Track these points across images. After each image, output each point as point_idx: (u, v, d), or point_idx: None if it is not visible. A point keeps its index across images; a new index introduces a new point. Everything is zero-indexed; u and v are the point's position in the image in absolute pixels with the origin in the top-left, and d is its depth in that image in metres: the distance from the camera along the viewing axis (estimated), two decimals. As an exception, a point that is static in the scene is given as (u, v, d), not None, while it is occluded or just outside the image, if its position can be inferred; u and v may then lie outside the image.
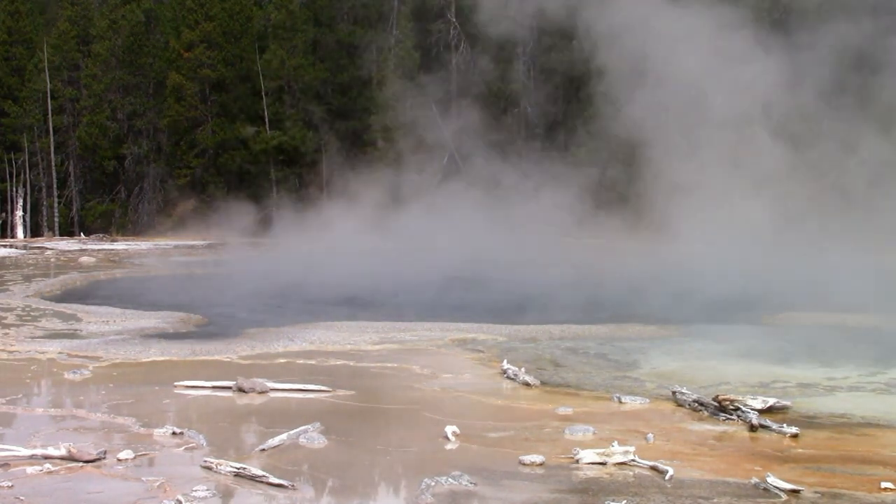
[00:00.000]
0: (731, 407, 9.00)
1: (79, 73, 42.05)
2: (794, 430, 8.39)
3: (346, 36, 41.65)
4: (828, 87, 24.29)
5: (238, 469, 7.05)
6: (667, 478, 7.05)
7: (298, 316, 15.54)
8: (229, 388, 10.04)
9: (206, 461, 7.27)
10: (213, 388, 10.11)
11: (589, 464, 7.39)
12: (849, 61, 25.04)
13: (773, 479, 6.81)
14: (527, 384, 10.40)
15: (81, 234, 39.40)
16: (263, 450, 7.74)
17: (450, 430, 8.16)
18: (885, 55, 24.68)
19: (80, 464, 7.26)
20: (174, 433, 8.13)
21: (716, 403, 9.13)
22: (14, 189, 40.75)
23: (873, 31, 24.67)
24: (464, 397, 9.83)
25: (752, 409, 8.89)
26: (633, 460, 7.41)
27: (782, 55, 24.36)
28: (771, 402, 9.22)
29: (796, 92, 24.30)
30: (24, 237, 39.21)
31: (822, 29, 24.83)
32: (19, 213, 40.46)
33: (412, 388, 10.26)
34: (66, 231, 40.61)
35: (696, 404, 9.27)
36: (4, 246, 32.82)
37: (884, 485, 6.86)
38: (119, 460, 7.38)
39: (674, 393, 9.61)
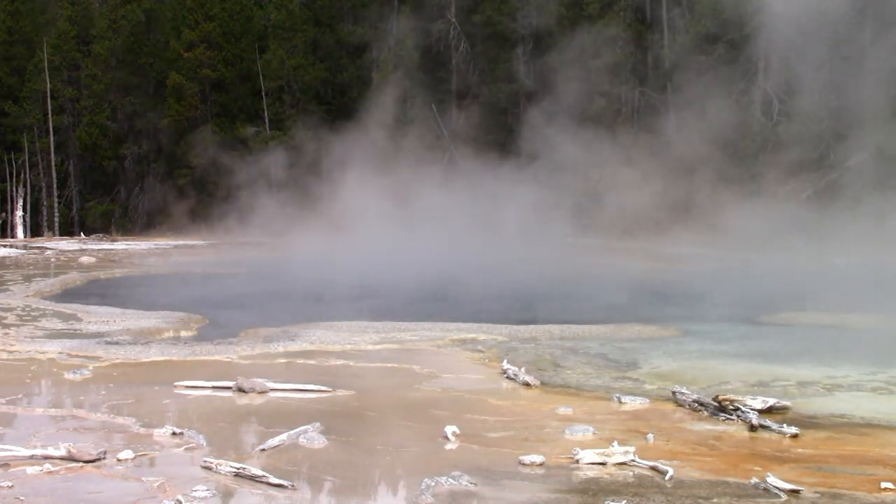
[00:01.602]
0: (731, 407, 8.99)
1: (79, 73, 42.06)
2: (793, 430, 8.39)
3: (346, 36, 41.67)
4: None
5: (238, 469, 7.05)
6: (667, 478, 7.05)
7: (298, 315, 15.53)
8: (229, 388, 10.03)
9: (206, 461, 7.27)
10: (213, 388, 10.10)
11: (589, 464, 7.39)
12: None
13: (772, 479, 6.81)
14: (527, 384, 10.39)
15: (81, 234, 39.42)
16: (263, 450, 7.74)
17: (450, 430, 8.16)
18: None
19: (80, 464, 7.26)
20: (174, 433, 8.12)
21: (716, 403, 9.13)
22: (14, 189, 40.77)
23: None
24: (464, 397, 9.83)
25: (752, 409, 8.89)
26: (633, 460, 7.40)
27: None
28: (771, 402, 9.21)
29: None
30: (24, 237, 39.20)
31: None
32: (19, 212, 40.46)
33: (412, 388, 10.25)
34: (66, 231, 40.63)
35: (696, 404, 9.27)
36: (4, 246, 32.83)
37: (884, 485, 6.85)
38: (119, 460, 7.38)
39: (674, 393, 9.61)
